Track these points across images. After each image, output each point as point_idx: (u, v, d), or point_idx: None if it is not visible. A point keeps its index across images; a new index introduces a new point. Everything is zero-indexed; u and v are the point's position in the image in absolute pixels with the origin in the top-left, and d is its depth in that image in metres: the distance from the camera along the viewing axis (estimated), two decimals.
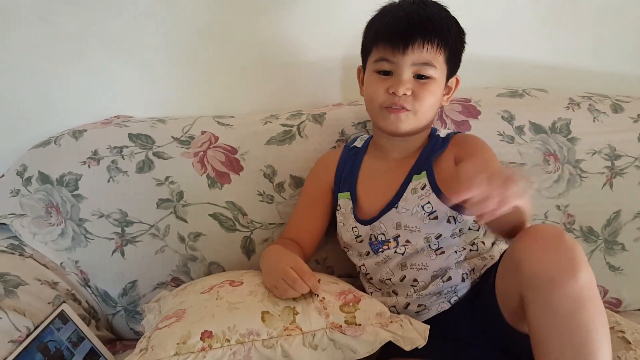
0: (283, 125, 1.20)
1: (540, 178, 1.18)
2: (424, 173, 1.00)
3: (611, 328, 0.94)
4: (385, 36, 0.97)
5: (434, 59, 0.96)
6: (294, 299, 0.86)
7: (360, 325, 0.83)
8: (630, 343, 0.92)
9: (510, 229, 0.85)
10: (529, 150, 1.19)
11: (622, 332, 0.94)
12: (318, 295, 0.86)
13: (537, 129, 1.20)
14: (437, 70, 0.96)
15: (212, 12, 1.24)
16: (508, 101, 1.23)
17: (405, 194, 1.00)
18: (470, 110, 1.21)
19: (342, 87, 1.33)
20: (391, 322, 0.85)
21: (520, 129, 1.20)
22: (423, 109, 0.97)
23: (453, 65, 1.00)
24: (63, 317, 1.01)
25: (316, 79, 1.31)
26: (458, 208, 0.97)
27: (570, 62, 1.35)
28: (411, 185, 1.00)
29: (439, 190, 0.98)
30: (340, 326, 0.83)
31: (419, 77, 0.97)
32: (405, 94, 0.96)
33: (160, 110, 1.28)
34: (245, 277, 0.96)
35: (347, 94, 1.33)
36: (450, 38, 0.97)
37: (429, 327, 0.87)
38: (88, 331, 1.04)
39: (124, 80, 1.25)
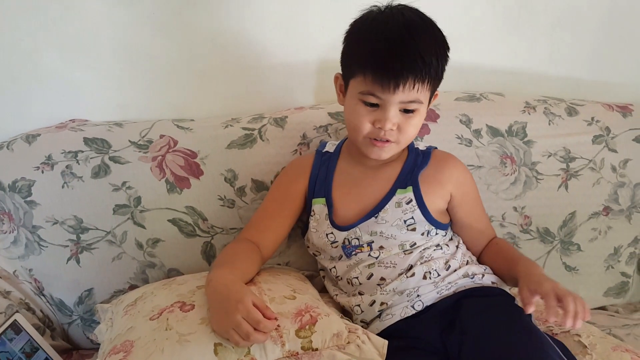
0: (244, 128, 1.20)
1: (497, 180, 1.21)
2: (409, 188, 1.01)
3: (567, 332, 0.96)
4: (374, 69, 0.91)
5: (421, 95, 0.94)
6: None
7: (317, 350, 0.82)
8: (586, 347, 0.92)
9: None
10: (486, 153, 1.21)
11: (578, 335, 0.95)
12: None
13: (494, 132, 1.23)
14: (423, 105, 0.96)
15: (171, 13, 1.22)
16: (466, 105, 1.25)
17: (387, 206, 1.00)
18: (429, 114, 1.22)
19: (304, 91, 1.33)
20: (348, 342, 0.84)
21: (477, 132, 1.22)
22: (406, 140, 0.98)
23: (437, 86, 0.99)
24: (16, 327, 0.98)
25: (278, 82, 1.31)
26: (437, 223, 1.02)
27: (526, 66, 1.38)
28: (395, 199, 1.01)
29: (424, 206, 1.00)
30: (297, 354, 0.81)
31: (405, 110, 0.95)
32: (391, 129, 0.95)
33: (118, 113, 1.25)
34: (197, 296, 0.90)
35: (309, 97, 1.33)
36: (439, 68, 0.94)
37: (387, 342, 0.86)
38: (42, 341, 1.01)
39: (80, 83, 1.23)
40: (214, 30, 1.25)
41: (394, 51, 0.90)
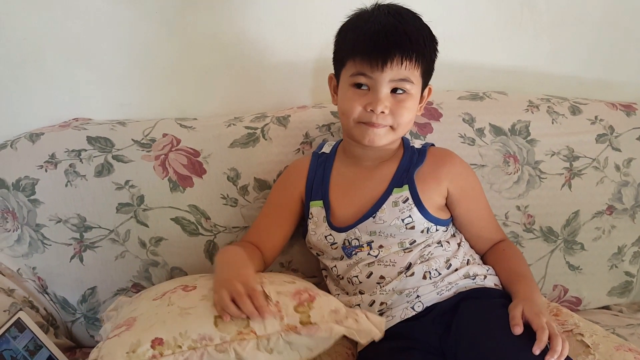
0: (247, 127, 1.20)
1: (501, 179, 1.21)
2: (405, 186, 1.01)
3: (570, 331, 0.95)
4: (362, 51, 0.94)
5: (411, 74, 0.95)
6: None
7: (315, 324, 0.83)
8: (589, 347, 0.91)
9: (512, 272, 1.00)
10: (489, 152, 1.21)
11: (581, 334, 0.94)
12: (272, 299, 0.85)
13: (497, 131, 1.22)
14: (414, 86, 0.96)
15: (174, 12, 1.23)
16: (469, 104, 1.25)
17: (384, 206, 1.00)
18: (432, 112, 1.22)
19: (306, 90, 1.33)
20: (346, 317, 0.85)
21: (480, 131, 1.22)
22: (401, 125, 0.98)
23: (428, 76, 1.01)
24: (19, 325, 0.99)
25: (281, 81, 1.31)
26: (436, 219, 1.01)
27: (529, 65, 1.37)
28: (391, 198, 1.00)
29: (421, 204, 1.00)
30: (296, 327, 0.83)
31: (395, 90, 0.96)
32: (383, 112, 0.95)
33: (121, 112, 1.25)
34: (199, 281, 0.94)
35: (312, 96, 1.33)
36: (426, 51, 0.96)
37: (384, 320, 0.87)
38: (46, 339, 1.01)
39: (83, 82, 1.23)
40: (217, 29, 1.25)
41: (381, 32, 0.94)
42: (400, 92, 0.96)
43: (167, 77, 1.26)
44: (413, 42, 0.94)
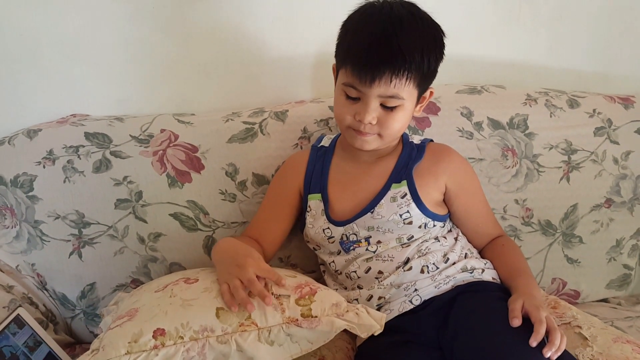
0: (245, 122, 1.20)
1: (499, 173, 1.21)
2: (404, 182, 1.01)
3: (567, 324, 0.96)
4: (353, 62, 0.92)
5: (401, 91, 0.93)
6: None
7: (316, 317, 0.84)
8: (587, 339, 0.92)
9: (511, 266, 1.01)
10: (488, 145, 1.21)
11: (579, 327, 0.95)
12: (273, 293, 0.86)
13: (495, 124, 1.22)
14: (405, 100, 0.95)
15: (171, 7, 1.23)
16: (467, 98, 1.25)
17: (382, 201, 1.00)
18: (430, 107, 1.22)
19: (304, 85, 1.33)
20: (347, 311, 0.86)
21: (479, 125, 1.22)
22: (390, 134, 0.98)
23: (426, 84, 0.98)
24: (19, 322, 0.99)
25: (279, 76, 1.31)
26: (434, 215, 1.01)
27: (527, 59, 1.38)
28: (390, 193, 1.01)
29: (419, 199, 1.00)
30: (297, 320, 0.83)
31: (385, 106, 0.95)
32: (370, 123, 0.95)
33: (119, 108, 1.25)
34: (201, 274, 0.95)
35: (310, 91, 1.33)
36: (423, 64, 0.92)
37: (385, 315, 0.88)
38: (45, 335, 1.02)
39: (80, 78, 1.23)
40: (214, 25, 1.25)
41: (374, 45, 0.91)
42: (390, 108, 0.95)
43: (164, 73, 1.26)
44: (406, 57, 0.90)
